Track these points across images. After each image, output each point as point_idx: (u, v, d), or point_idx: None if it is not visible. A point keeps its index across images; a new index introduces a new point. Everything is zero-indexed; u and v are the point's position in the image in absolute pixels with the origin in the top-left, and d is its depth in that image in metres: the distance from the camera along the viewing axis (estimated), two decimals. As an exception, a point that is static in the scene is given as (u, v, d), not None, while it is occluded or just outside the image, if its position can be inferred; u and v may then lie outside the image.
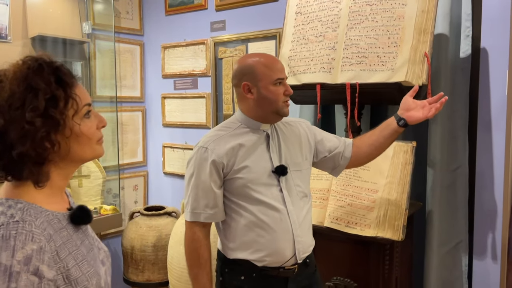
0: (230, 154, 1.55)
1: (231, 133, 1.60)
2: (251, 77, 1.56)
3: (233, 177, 1.56)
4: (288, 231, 1.57)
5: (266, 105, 1.57)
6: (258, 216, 1.56)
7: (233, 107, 3.10)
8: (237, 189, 1.57)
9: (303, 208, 1.64)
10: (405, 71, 1.86)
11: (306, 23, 2.22)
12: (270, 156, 1.60)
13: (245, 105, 1.61)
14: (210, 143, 1.57)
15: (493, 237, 2.20)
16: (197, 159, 1.58)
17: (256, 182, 1.56)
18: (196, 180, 1.57)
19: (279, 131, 1.67)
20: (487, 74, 2.16)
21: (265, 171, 1.58)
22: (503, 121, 2.12)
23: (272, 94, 1.55)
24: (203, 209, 1.57)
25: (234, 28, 3.07)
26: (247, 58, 1.62)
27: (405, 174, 1.96)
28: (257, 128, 1.62)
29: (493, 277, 2.20)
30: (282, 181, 1.59)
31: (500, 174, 2.15)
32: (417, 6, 1.90)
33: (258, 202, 1.56)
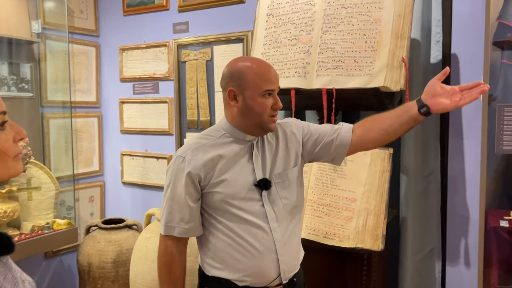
0: (208, 166, 1.43)
1: (213, 142, 1.47)
2: (239, 83, 1.42)
3: (211, 191, 1.44)
4: (271, 250, 1.45)
5: (250, 117, 1.44)
6: (238, 234, 1.44)
7: (198, 112, 2.96)
8: (215, 204, 1.45)
9: (290, 223, 1.51)
10: (383, 76, 1.81)
11: (279, 25, 2.13)
12: (253, 168, 1.48)
13: (229, 113, 1.48)
14: (188, 152, 1.44)
15: (465, 243, 2.20)
16: (174, 169, 1.44)
17: (236, 197, 1.44)
18: (172, 192, 1.44)
19: (265, 138, 1.54)
20: (457, 80, 2.17)
21: (246, 184, 1.45)
22: (474, 127, 2.12)
23: (258, 106, 1.42)
24: (178, 223, 1.44)
25: (198, 30, 2.94)
26: (238, 61, 1.48)
27: (383, 182, 1.91)
28: (241, 138, 1.49)
29: (466, 283, 2.20)
30: (265, 196, 1.47)
31: (471, 180, 2.16)
32: (394, 10, 1.86)
33: (238, 219, 1.44)
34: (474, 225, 2.15)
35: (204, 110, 2.94)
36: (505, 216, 1.96)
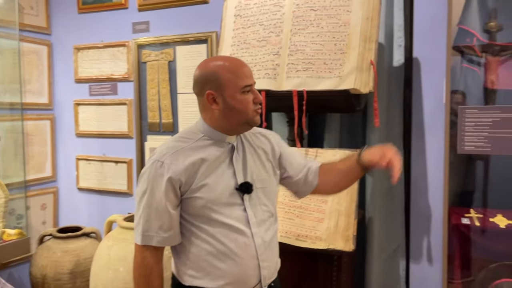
0: (190, 170, 1.37)
1: (191, 146, 1.41)
2: (216, 85, 1.38)
3: (192, 197, 1.38)
4: (252, 256, 1.41)
5: (234, 116, 1.40)
6: (219, 240, 1.39)
7: (160, 114, 2.88)
8: (196, 210, 1.39)
9: (270, 229, 1.48)
10: (353, 79, 1.83)
11: (247, 26, 2.11)
12: (234, 171, 1.43)
13: (209, 116, 1.42)
14: (167, 156, 1.37)
15: (428, 240, 2.28)
16: (151, 175, 1.36)
17: (218, 202, 1.39)
18: (149, 198, 1.36)
19: (245, 142, 1.50)
20: (419, 83, 2.24)
21: (228, 189, 1.41)
22: (436, 128, 2.20)
23: (240, 104, 1.38)
24: (156, 231, 1.36)
25: (159, 30, 2.86)
26: (209, 63, 1.43)
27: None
28: (222, 140, 1.44)
29: (429, 280, 2.27)
30: (246, 200, 1.43)
31: (433, 179, 2.23)
32: (362, 14, 1.89)
33: (219, 224, 1.39)
34: (436, 223, 2.23)
35: (166, 112, 2.86)
36: (466, 213, 2.04)
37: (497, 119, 1.82)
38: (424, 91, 2.23)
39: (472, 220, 2.00)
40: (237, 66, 1.40)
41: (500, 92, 2.05)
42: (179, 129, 2.83)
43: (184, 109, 2.81)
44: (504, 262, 1.94)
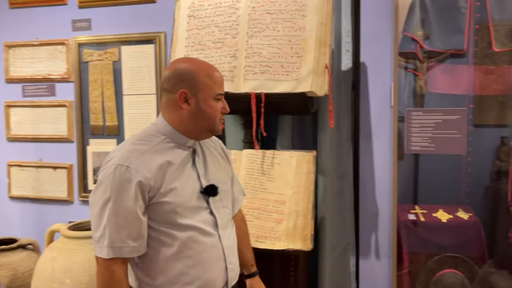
0: (158, 174, 1.31)
1: (154, 148, 1.35)
2: (191, 85, 1.34)
3: (159, 202, 1.32)
4: (220, 258, 1.40)
5: (202, 121, 1.37)
6: (187, 244, 1.35)
7: (103, 117, 2.74)
8: (163, 216, 1.33)
9: (232, 231, 1.49)
10: (310, 82, 1.88)
11: (201, 27, 2.08)
12: (197, 174, 1.41)
13: (175, 116, 1.38)
14: (132, 160, 1.30)
15: (376, 237, 2.39)
16: (115, 181, 1.28)
17: (186, 206, 1.35)
18: (115, 206, 1.27)
19: (202, 145, 1.49)
20: (366, 87, 2.34)
21: (194, 192, 1.38)
22: (382, 131, 2.31)
23: (211, 110, 1.36)
24: (125, 241, 1.28)
25: (103, 28, 2.73)
26: (186, 62, 1.40)
27: (309, 183, 1.98)
28: (183, 143, 1.41)
29: (378, 274, 2.38)
30: (211, 203, 1.41)
31: (381, 178, 2.35)
32: (317, 19, 1.95)
33: (188, 228, 1.35)
34: (383, 220, 2.34)
35: (110, 115, 2.74)
36: (411, 210, 2.17)
37: (440, 121, 1.95)
38: (370, 94, 2.34)
39: (418, 215, 2.13)
40: (213, 72, 1.38)
41: (438, 95, 2.20)
42: (124, 132, 2.73)
43: (130, 112, 2.71)
44: (446, 254, 2.09)
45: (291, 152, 2.03)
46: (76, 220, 2.47)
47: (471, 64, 2.06)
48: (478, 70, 2.07)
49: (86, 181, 2.82)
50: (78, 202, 2.87)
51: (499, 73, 2.06)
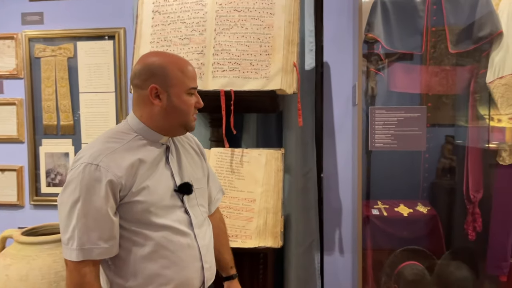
0: (130, 172, 1.26)
1: (125, 146, 1.30)
2: (162, 80, 1.30)
3: (131, 201, 1.27)
4: (196, 258, 1.37)
5: (174, 116, 1.33)
6: (162, 244, 1.31)
7: (57, 116, 2.61)
8: (136, 215, 1.29)
9: (208, 230, 1.47)
10: (279, 80, 1.89)
11: (167, 23, 2.03)
12: (171, 172, 1.37)
13: (146, 112, 1.34)
14: (102, 158, 1.24)
15: (340, 233, 2.44)
16: (84, 181, 1.22)
17: (159, 205, 1.31)
18: (85, 207, 1.21)
19: (176, 142, 1.45)
20: (329, 86, 2.39)
21: (168, 190, 1.34)
22: (345, 128, 2.37)
23: (184, 105, 1.33)
24: (95, 243, 1.22)
25: (56, 22, 2.59)
26: (156, 56, 1.34)
27: (278, 181, 1.99)
28: (156, 140, 1.36)
29: (341, 269, 2.43)
30: (186, 201, 1.38)
31: (343, 175, 2.40)
32: (284, 17, 1.96)
33: (162, 228, 1.31)
34: (346, 216, 2.40)
35: (65, 114, 2.60)
36: (374, 205, 2.24)
37: (401, 118, 2.03)
38: (333, 93, 2.39)
39: (381, 211, 2.20)
40: (185, 66, 1.34)
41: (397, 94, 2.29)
42: (81, 131, 2.60)
43: (87, 110, 2.59)
44: (408, 247, 2.18)
45: (260, 150, 2.03)
46: (27, 226, 2.32)
47: (428, 65, 2.16)
48: (434, 70, 2.18)
49: (38, 184, 2.66)
50: (29, 207, 2.71)
51: (453, 74, 2.18)
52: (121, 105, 2.55)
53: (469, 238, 2.16)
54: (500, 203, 2.15)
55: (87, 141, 2.60)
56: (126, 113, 2.55)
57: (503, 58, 2.05)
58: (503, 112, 2.06)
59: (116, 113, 2.57)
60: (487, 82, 2.10)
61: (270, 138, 2.47)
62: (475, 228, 2.15)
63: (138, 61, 1.36)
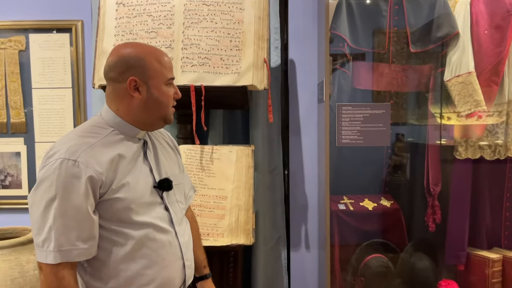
0: (110, 168, 1.20)
1: (103, 141, 1.23)
2: (141, 72, 1.24)
3: (111, 198, 1.21)
4: (177, 256, 1.33)
5: (154, 109, 1.28)
6: (143, 243, 1.25)
7: (7, 113, 2.43)
8: (115, 213, 1.22)
9: (186, 228, 1.43)
10: (251, 75, 1.87)
11: (132, 16, 1.96)
12: (150, 168, 1.32)
13: (124, 106, 1.27)
14: (80, 153, 1.17)
15: (306, 229, 2.47)
16: (61, 177, 1.14)
17: (139, 202, 1.25)
18: (62, 206, 1.14)
19: (153, 138, 1.40)
20: (295, 83, 2.41)
21: (148, 187, 1.29)
22: (310, 126, 2.40)
23: (164, 96, 1.28)
24: (74, 243, 1.15)
25: (6, 13, 2.42)
26: (131, 47, 1.28)
27: (249, 177, 1.97)
28: (133, 135, 1.31)
29: (308, 265, 2.46)
30: (165, 198, 1.33)
31: (309, 172, 2.43)
32: (254, 13, 1.95)
33: (143, 226, 1.26)
34: (312, 212, 2.43)
35: (16, 111, 2.44)
36: (341, 200, 2.28)
37: (367, 115, 2.08)
38: (299, 91, 2.41)
39: (347, 205, 2.25)
40: (162, 56, 1.30)
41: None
42: (34, 129, 2.45)
43: (41, 107, 2.44)
44: (373, 240, 2.24)
45: (230, 146, 2.01)
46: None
47: (390, 63, 2.24)
48: (396, 69, 2.25)
49: (-15, 186, 2.47)
50: (-25, 210, 2.50)
51: (413, 72, 2.27)
52: (79, 101, 2.43)
53: (430, 230, 2.25)
54: (457, 196, 2.26)
55: (41, 140, 2.45)
56: (84, 109, 2.43)
57: (460, 57, 2.16)
58: (460, 109, 2.17)
59: (73, 110, 2.44)
60: (445, 80, 2.20)
61: (236, 135, 2.45)
62: (435, 220, 2.25)
63: (112, 53, 1.29)
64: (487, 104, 2.14)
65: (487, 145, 2.21)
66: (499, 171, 2.26)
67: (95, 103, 2.35)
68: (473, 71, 2.13)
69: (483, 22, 2.16)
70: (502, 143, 2.19)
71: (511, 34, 2.15)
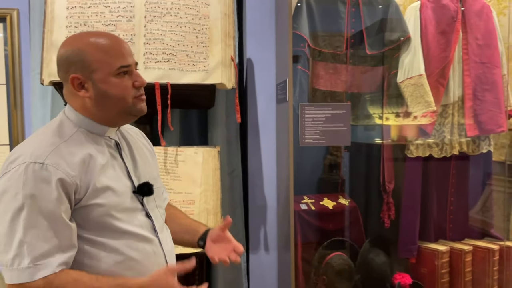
0: (83, 170, 1.08)
1: (69, 141, 1.11)
2: (82, 67, 1.10)
3: (89, 204, 1.08)
4: (162, 265, 1.22)
5: (108, 105, 1.14)
6: (125, 254, 1.14)
7: None
8: (95, 221, 1.10)
9: (168, 235, 1.33)
10: (220, 73, 1.80)
11: (86, 6, 1.79)
12: (127, 171, 1.20)
13: (80, 105, 1.14)
14: (47, 156, 1.03)
15: (265, 230, 2.43)
16: (28, 183, 1.00)
17: (120, 208, 1.14)
18: (32, 215, 1.00)
19: (128, 139, 1.28)
20: (253, 82, 2.37)
21: (127, 192, 1.18)
22: (269, 126, 2.37)
23: (115, 89, 1.13)
24: (52, 255, 1.02)
25: None
26: (75, 39, 1.14)
27: (216, 180, 1.90)
28: (102, 133, 1.18)
29: (266, 266, 2.43)
30: (146, 203, 1.22)
31: (268, 173, 2.40)
32: (220, 8, 1.88)
33: (124, 235, 1.14)
34: (271, 213, 2.40)
35: None
36: (302, 200, 2.28)
37: (329, 115, 2.10)
38: (257, 91, 2.37)
39: (309, 205, 2.25)
40: (110, 42, 1.14)
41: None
42: (-40, 131, 2.15)
43: (-32, 106, 2.15)
44: (334, 238, 2.27)
45: (195, 148, 1.92)
46: None
47: (348, 65, 2.28)
48: (353, 70, 2.31)
49: None
50: None
51: (369, 73, 2.34)
52: (14, 98, 2.17)
53: (385, 226, 2.33)
54: (409, 192, 2.37)
55: (-31, 143, 2.15)
56: (21, 107, 2.18)
57: (411, 60, 2.26)
58: (412, 110, 2.28)
59: (7, 108, 2.18)
60: (398, 82, 2.30)
61: (193, 136, 2.35)
62: (390, 216, 2.34)
63: (59, 50, 1.16)
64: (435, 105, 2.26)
65: (435, 143, 2.34)
66: (445, 168, 2.41)
67: (35, 102, 2.12)
68: (423, 73, 2.24)
69: (431, 27, 2.29)
70: (448, 141, 2.34)
71: (455, 40, 2.30)
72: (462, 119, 2.35)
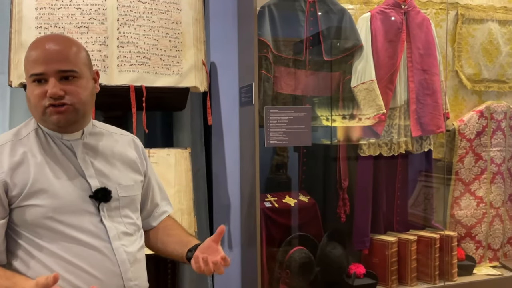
0: (17, 168, 1.11)
1: (23, 141, 1.16)
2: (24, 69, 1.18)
3: (26, 205, 1.11)
4: (115, 275, 1.20)
5: (31, 110, 1.19)
6: (68, 260, 1.14)
7: None
8: (34, 222, 1.12)
9: (135, 243, 1.29)
10: (193, 77, 1.86)
11: (56, 7, 1.76)
12: (84, 174, 1.21)
13: None
14: None
15: (229, 229, 2.51)
16: None
17: (64, 211, 1.15)
18: None
19: (99, 143, 1.29)
20: (217, 85, 2.44)
21: (79, 195, 1.19)
22: (232, 128, 2.45)
23: (30, 96, 1.17)
24: None
25: None
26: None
27: (189, 180, 1.95)
28: (57, 136, 1.21)
29: (231, 266, 2.49)
30: (103, 210, 1.22)
31: (232, 172, 2.48)
32: (191, 14, 1.93)
33: (68, 240, 1.15)
34: (235, 212, 2.49)
35: None
36: (265, 199, 2.39)
37: (292, 117, 2.23)
38: (221, 94, 2.44)
39: (272, 203, 2.36)
40: (34, 48, 1.18)
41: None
42: None
43: None
44: (295, 234, 2.39)
45: (168, 149, 1.96)
46: None
47: (307, 70, 2.42)
48: (311, 75, 2.46)
49: None
50: None
51: (326, 79, 2.49)
52: (-31, 101, 2.07)
53: (342, 220, 2.50)
54: (361, 188, 2.56)
55: None
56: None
57: (364, 66, 2.45)
58: (365, 113, 2.47)
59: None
60: (352, 86, 2.48)
61: (157, 138, 2.37)
62: (345, 211, 2.51)
63: None
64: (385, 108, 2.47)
65: (384, 143, 2.55)
66: (393, 165, 2.63)
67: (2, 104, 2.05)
68: (374, 79, 2.44)
69: (380, 37, 2.49)
70: (396, 141, 2.56)
71: (401, 49, 2.53)
72: (407, 121, 2.58)
